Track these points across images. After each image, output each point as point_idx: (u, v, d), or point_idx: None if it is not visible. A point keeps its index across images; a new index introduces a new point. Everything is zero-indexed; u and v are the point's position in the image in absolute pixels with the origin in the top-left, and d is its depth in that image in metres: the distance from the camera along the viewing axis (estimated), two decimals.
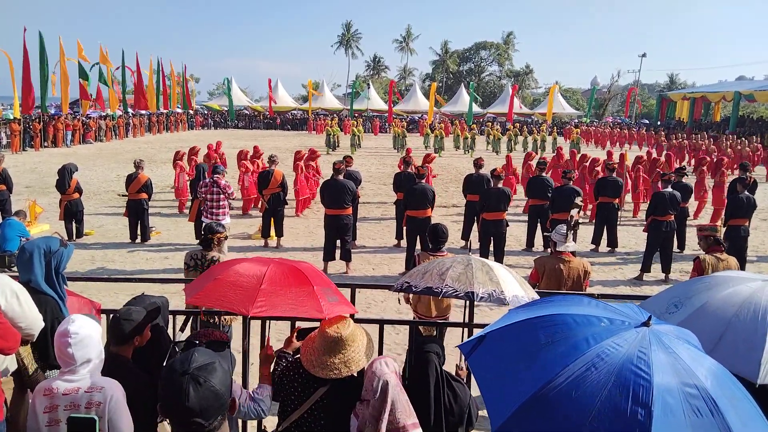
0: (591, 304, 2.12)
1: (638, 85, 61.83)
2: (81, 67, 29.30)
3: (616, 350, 1.79)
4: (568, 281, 4.96)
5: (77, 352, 2.34)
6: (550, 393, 1.75)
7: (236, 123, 48.53)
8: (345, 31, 76.01)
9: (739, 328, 2.55)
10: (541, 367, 1.82)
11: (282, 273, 2.89)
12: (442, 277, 3.17)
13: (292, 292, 2.80)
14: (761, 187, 16.64)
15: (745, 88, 40.96)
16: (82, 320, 2.41)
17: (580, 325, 1.91)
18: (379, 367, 2.49)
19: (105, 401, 2.33)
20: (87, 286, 6.59)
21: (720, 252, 5.60)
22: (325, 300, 2.81)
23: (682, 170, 10.68)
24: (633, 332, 1.86)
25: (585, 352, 1.79)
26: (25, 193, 13.65)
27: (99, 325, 2.49)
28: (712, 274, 3.26)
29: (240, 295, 2.74)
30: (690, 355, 1.85)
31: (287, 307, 2.75)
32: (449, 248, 10.30)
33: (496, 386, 1.93)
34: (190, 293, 2.97)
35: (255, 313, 2.65)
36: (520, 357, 1.94)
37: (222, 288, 2.82)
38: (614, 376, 1.72)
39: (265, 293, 2.72)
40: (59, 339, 2.35)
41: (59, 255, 3.19)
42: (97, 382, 2.37)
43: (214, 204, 8.19)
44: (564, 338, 1.87)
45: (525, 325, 2.05)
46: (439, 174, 19.85)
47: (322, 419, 2.67)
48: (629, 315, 2.01)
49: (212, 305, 2.84)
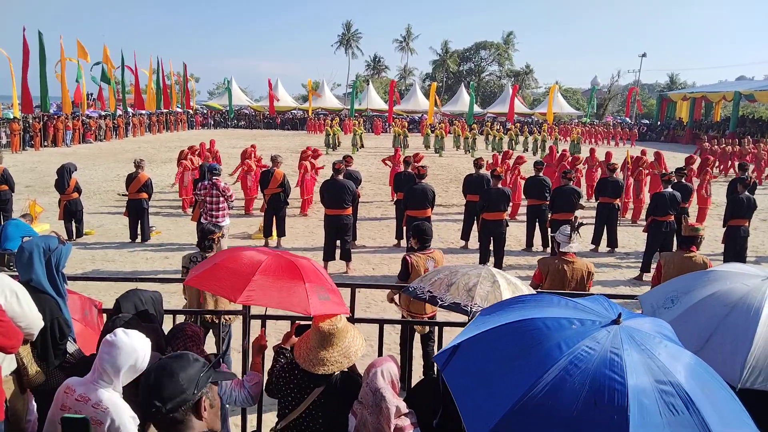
0: (560, 303, 2.09)
1: (638, 85, 61.84)
2: (79, 67, 29.32)
3: (588, 354, 1.76)
4: (572, 282, 4.95)
5: (105, 357, 2.26)
6: (527, 405, 1.71)
7: (236, 122, 48.54)
8: (345, 30, 76.00)
9: (729, 328, 2.53)
10: (516, 378, 1.79)
11: (277, 265, 2.90)
12: (470, 294, 3.15)
13: (281, 286, 2.79)
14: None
15: (745, 88, 40.97)
16: (136, 336, 2.32)
17: (552, 329, 1.87)
18: (374, 380, 2.49)
19: (105, 423, 2.23)
20: (87, 285, 6.59)
21: (686, 251, 5.44)
22: (315, 298, 2.78)
23: (682, 170, 10.68)
24: (604, 332, 1.83)
25: (558, 359, 1.76)
26: (25, 193, 13.64)
27: (148, 351, 2.36)
28: (713, 269, 3.21)
29: (232, 282, 2.76)
30: (666, 351, 1.83)
31: (275, 299, 2.75)
32: (449, 248, 10.44)
33: (471, 400, 1.88)
34: (191, 275, 3.01)
35: (241, 301, 2.68)
36: (494, 368, 1.90)
37: (219, 273, 2.85)
38: (588, 382, 1.70)
39: (256, 284, 2.73)
40: (107, 337, 2.31)
41: (58, 253, 3.19)
42: (105, 400, 2.26)
43: (213, 206, 8.16)
44: (537, 345, 1.84)
45: (497, 333, 2.00)
46: (439, 174, 19.87)
47: (320, 418, 2.68)
48: (599, 312, 1.98)
49: (206, 288, 2.88)
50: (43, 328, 2.91)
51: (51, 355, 3.01)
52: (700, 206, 12.79)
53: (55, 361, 3.03)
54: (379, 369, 2.53)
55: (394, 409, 2.44)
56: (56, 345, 3.02)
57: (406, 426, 2.46)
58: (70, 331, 3.13)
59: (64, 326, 3.05)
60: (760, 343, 2.47)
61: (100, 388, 2.28)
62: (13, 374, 2.90)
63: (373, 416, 2.43)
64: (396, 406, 2.46)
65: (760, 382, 2.40)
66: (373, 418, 2.43)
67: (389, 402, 2.43)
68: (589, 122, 46.56)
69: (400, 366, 2.71)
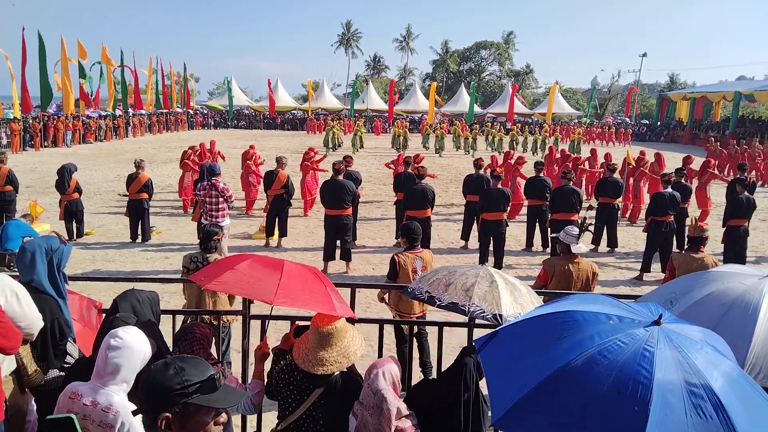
0: (606, 302, 2.10)
1: (638, 84, 61.82)
2: (81, 67, 29.33)
3: (620, 347, 1.78)
4: (577, 283, 4.95)
5: (111, 359, 2.22)
6: (549, 387, 1.76)
7: (236, 123, 48.55)
8: (345, 30, 76.02)
9: (728, 327, 2.52)
10: (544, 361, 1.83)
11: (297, 269, 2.99)
12: (468, 294, 3.15)
13: (308, 287, 2.87)
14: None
15: (745, 88, 40.91)
16: (137, 333, 2.30)
17: (588, 322, 1.91)
18: (376, 382, 2.49)
19: (116, 425, 2.19)
20: (87, 285, 6.60)
21: (695, 251, 5.58)
22: (336, 300, 2.87)
23: (682, 171, 10.68)
24: (641, 331, 1.85)
25: (588, 348, 1.80)
26: (25, 193, 13.65)
27: (149, 348, 2.35)
28: (710, 270, 3.22)
29: (262, 286, 2.79)
30: (704, 357, 1.81)
31: (306, 300, 2.80)
32: (449, 248, 10.44)
33: (500, 379, 1.95)
34: (206, 280, 2.88)
35: (279, 303, 2.70)
36: (526, 352, 1.96)
37: (244, 277, 2.85)
38: (615, 372, 1.71)
39: (285, 285, 2.78)
40: (106, 339, 2.26)
41: (60, 253, 3.20)
42: (115, 404, 2.21)
43: (213, 207, 8.16)
44: (570, 335, 1.88)
45: (536, 322, 2.07)
46: (439, 174, 19.86)
47: (320, 419, 2.68)
48: (643, 314, 1.99)
49: (235, 292, 2.87)
50: (43, 329, 2.91)
51: (51, 356, 3.01)
52: (702, 209, 12.79)
53: (55, 361, 3.03)
54: (380, 370, 2.53)
55: (395, 410, 2.45)
56: (56, 345, 3.03)
57: (407, 428, 2.47)
58: (70, 332, 3.14)
59: (64, 326, 3.06)
60: (759, 341, 2.48)
61: (109, 392, 2.23)
62: (13, 374, 2.91)
63: (374, 417, 2.44)
64: (397, 408, 2.47)
65: (760, 380, 2.41)
66: (374, 419, 2.44)
67: (390, 403, 2.43)
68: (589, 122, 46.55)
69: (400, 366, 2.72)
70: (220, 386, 1.76)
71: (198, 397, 1.70)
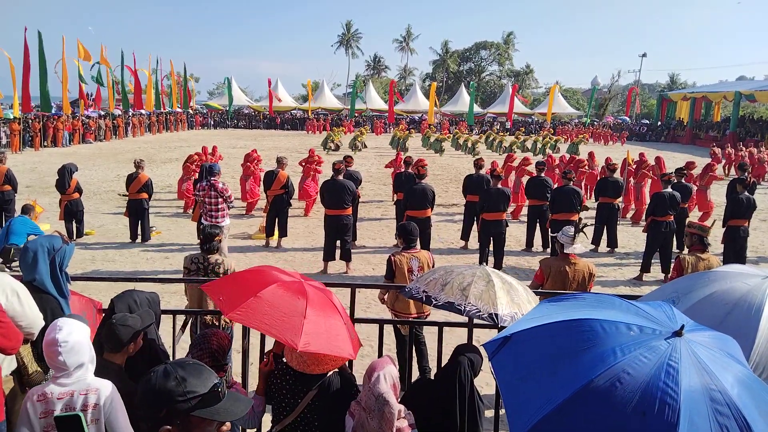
0: (622, 307, 2.04)
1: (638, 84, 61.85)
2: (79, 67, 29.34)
3: (643, 363, 1.71)
4: (573, 283, 4.94)
5: (69, 359, 2.27)
6: (574, 406, 1.69)
7: (236, 123, 48.54)
8: (345, 30, 76.01)
9: (731, 327, 2.49)
10: (566, 377, 1.76)
11: (319, 298, 2.77)
12: (464, 293, 3.14)
13: (329, 324, 2.69)
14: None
15: (745, 88, 40.94)
16: (70, 326, 2.32)
17: (608, 333, 1.83)
18: (377, 385, 2.48)
19: (100, 402, 2.30)
20: (87, 285, 6.59)
21: (701, 251, 5.60)
22: (353, 332, 2.80)
23: (682, 170, 10.68)
24: (663, 343, 1.78)
25: (612, 365, 1.72)
26: (25, 193, 13.65)
27: (87, 327, 2.43)
28: (712, 270, 3.21)
29: (285, 323, 2.58)
30: (730, 373, 1.77)
31: (325, 342, 2.61)
32: (449, 248, 10.43)
33: (518, 392, 1.88)
34: (227, 307, 2.66)
35: (303, 349, 2.51)
36: (544, 363, 1.88)
37: (268, 309, 2.62)
38: (640, 393, 1.66)
39: (309, 332, 2.57)
40: (48, 348, 2.27)
41: (62, 252, 3.20)
42: (91, 384, 2.32)
43: (212, 207, 8.15)
44: (591, 347, 1.81)
45: (551, 329, 1.97)
46: (439, 174, 19.87)
47: (315, 422, 2.68)
48: (661, 321, 1.92)
49: (258, 328, 2.66)
50: (43, 328, 2.91)
51: None
52: (703, 211, 12.78)
53: None
54: (380, 373, 2.52)
55: (397, 413, 2.45)
56: None
57: (405, 427, 2.46)
58: None
59: None
60: (762, 341, 2.47)
61: (79, 377, 2.30)
62: (13, 374, 2.91)
63: (375, 420, 2.43)
64: (398, 410, 2.47)
65: (763, 379, 2.40)
66: (375, 422, 2.43)
67: (392, 407, 2.43)
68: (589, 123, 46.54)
69: (398, 366, 2.72)
70: (224, 396, 1.70)
71: (200, 411, 1.65)
